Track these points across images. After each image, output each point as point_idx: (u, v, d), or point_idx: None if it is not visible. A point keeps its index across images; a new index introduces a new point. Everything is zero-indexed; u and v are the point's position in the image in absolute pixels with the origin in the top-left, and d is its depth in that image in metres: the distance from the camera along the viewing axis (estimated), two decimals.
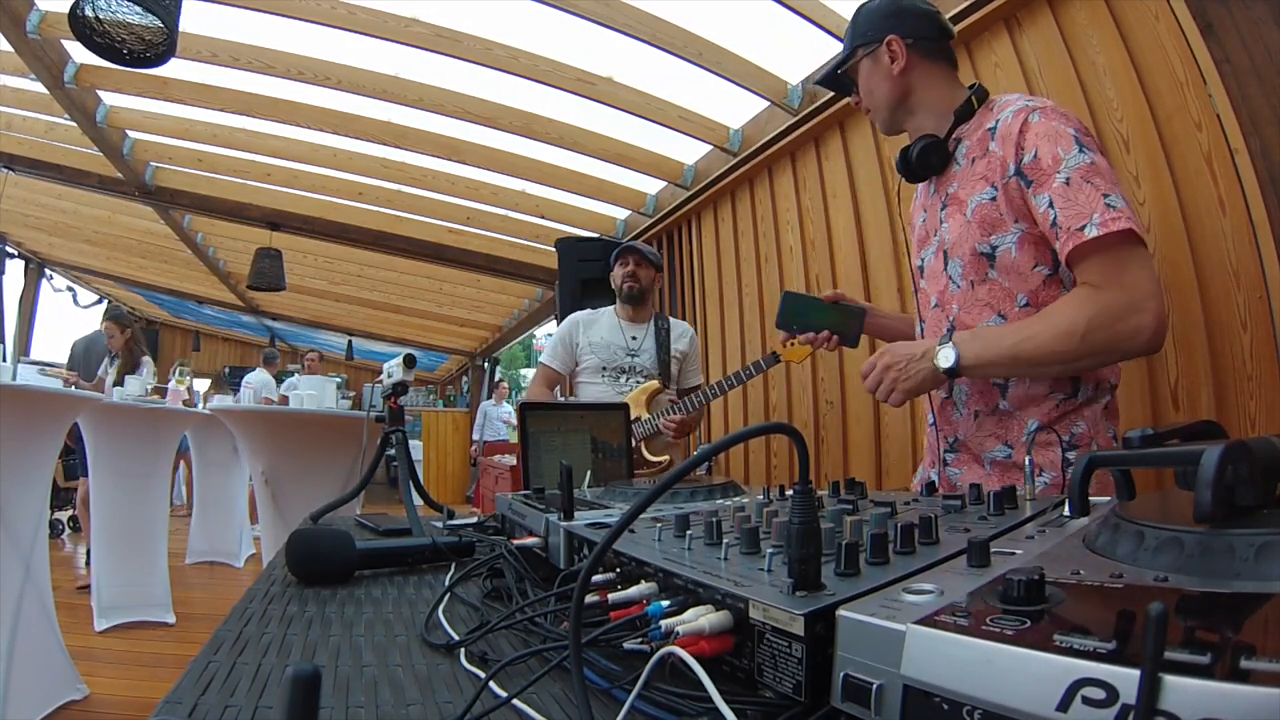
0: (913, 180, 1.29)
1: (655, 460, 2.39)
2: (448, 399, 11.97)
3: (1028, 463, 0.76)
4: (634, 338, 2.49)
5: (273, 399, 4.98)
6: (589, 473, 1.11)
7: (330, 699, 0.48)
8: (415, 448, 9.06)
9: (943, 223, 1.20)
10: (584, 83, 3.03)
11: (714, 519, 0.59)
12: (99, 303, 9.37)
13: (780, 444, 2.90)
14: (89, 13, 2.23)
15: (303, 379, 3.93)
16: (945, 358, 1.06)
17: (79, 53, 3.23)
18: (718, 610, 0.45)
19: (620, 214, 4.40)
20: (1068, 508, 0.60)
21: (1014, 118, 1.08)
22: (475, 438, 8.80)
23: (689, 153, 3.53)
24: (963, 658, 0.32)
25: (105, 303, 8.67)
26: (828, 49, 2.49)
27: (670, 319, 2.60)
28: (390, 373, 1.66)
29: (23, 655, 2.17)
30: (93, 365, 4.71)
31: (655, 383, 2.43)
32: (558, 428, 1.38)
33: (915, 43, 1.21)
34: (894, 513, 0.66)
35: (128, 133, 4.17)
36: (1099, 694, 0.27)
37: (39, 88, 3.45)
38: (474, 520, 1.17)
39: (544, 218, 4.55)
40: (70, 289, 9.20)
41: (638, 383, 2.43)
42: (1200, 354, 1.52)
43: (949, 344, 1.06)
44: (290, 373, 7.19)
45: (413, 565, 0.93)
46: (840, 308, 1.41)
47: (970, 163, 1.15)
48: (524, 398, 8.90)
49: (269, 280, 5.11)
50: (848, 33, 1.30)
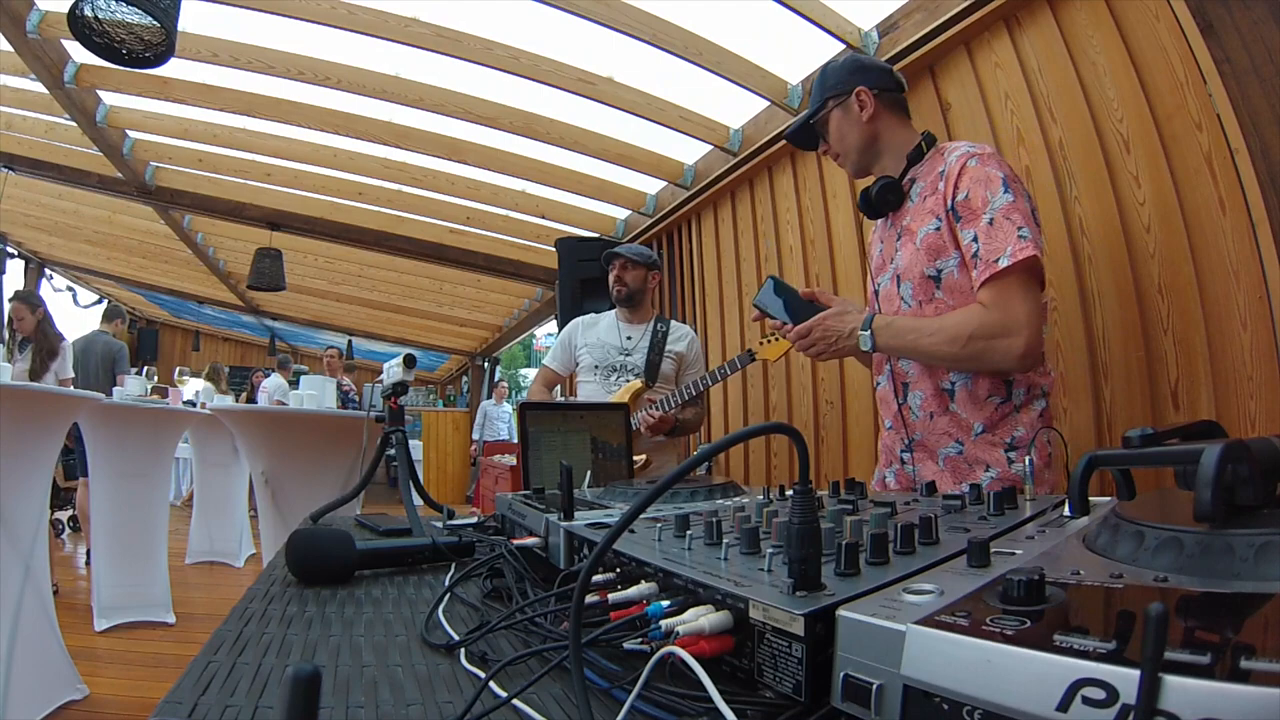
0: (873, 216, 1.46)
1: (633, 458, 2.41)
2: (448, 399, 11.97)
3: (1028, 463, 0.76)
4: (629, 338, 2.51)
5: (286, 404, 4.97)
6: (589, 473, 1.11)
7: (330, 699, 0.48)
8: (415, 448, 9.06)
9: (898, 251, 1.37)
10: (584, 83, 3.03)
11: (714, 519, 0.59)
12: (99, 303, 9.37)
13: (780, 444, 2.90)
14: (88, 13, 2.23)
15: (303, 379, 3.93)
16: (864, 341, 1.29)
17: (79, 53, 3.23)
18: (718, 610, 0.46)
19: (620, 214, 4.40)
20: (1068, 508, 0.60)
21: (957, 161, 1.27)
22: (475, 437, 8.81)
23: (689, 153, 3.53)
24: (963, 658, 0.32)
25: (105, 302, 8.66)
26: (828, 49, 2.49)
27: (672, 322, 2.61)
28: (390, 372, 1.66)
29: (23, 655, 2.17)
30: (91, 365, 4.71)
31: (639, 382, 2.44)
32: (558, 428, 1.38)
33: (880, 93, 1.39)
34: (894, 513, 0.66)
35: (128, 133, 4.17)
36: (1099, 694, 0.27)
37: (39, 88, 3.45)
38: (474, 520, 1.17)
39: (544, 218, 4.55)
40: (70, 289, 9.21)
41: (627, 381, 2.45)
42: (1200, 354, 1.52)
43: (868, 331, 1.28)
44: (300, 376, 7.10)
45: (413, 565, 0.93)
46: (814, 306, 1.44)
47: (922, 200, 1.33)
48: (524, 398, 8.95)
49: (269, 280, 5.11)
50: (815, 89, 1.46)
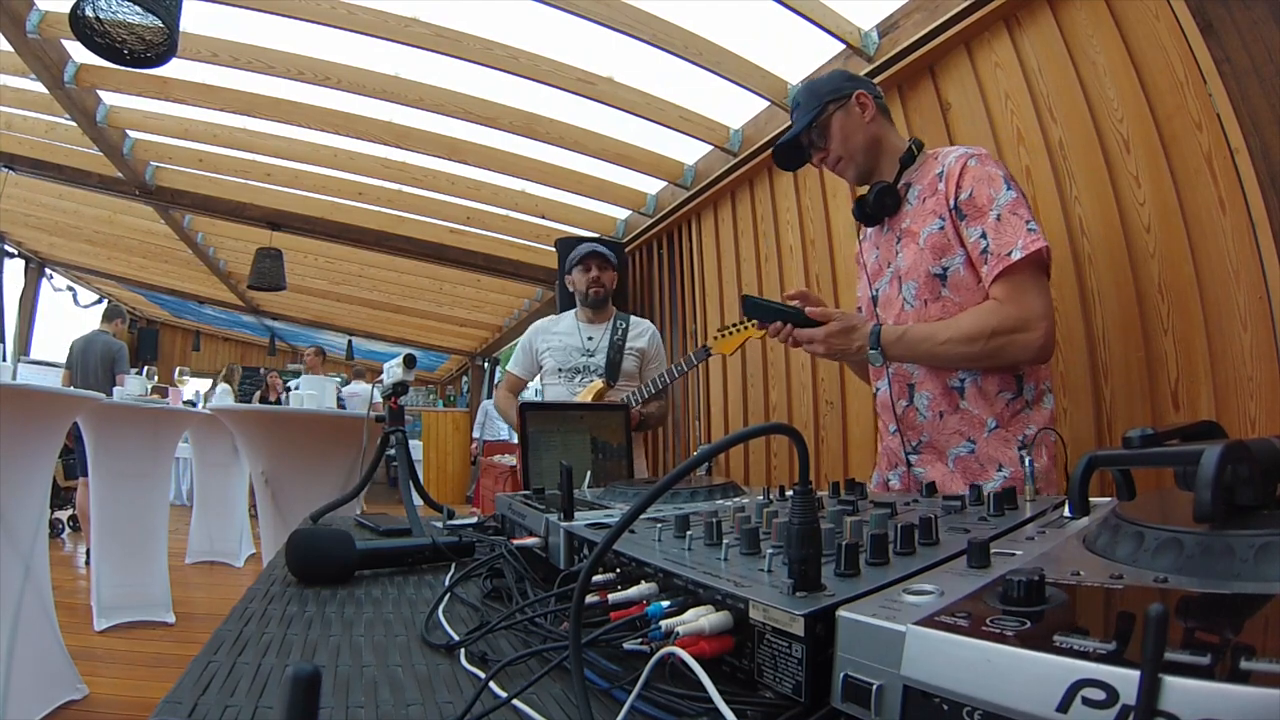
0: (869, 223, 1.47)
1: None
2: (448, 399, 11.97)
3: (1028, 463, 0.76)
4: (590, 338, 2.52)
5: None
6: (589, 473, 1.11)
7: (330, 699, 0.48)
8: (415, 448, 9.07)
9: (898, 254, 1.39)
10: (584, 83, 3.03)
11: (714, 519, 0.59)
12: (99, 303, 9.37)
13: (780, 444, 2.90)
14: (89, 13, 2.23)
15: (304, 379, 3.93)
16: (875, 360, 1.29)
17: (79, 53, 3.23)
18: (718, 611, 0.46)
19: (620, 214, 4.40)
20: (1068, 508, 0.60)
21: (956, 162, 1.29)
22: (476, 436, 8.81)
23: (689, 153, 3.53)
24: (963, 658, 0.32)
25: (105, 302, 8.67)
26: (828, 49, 2.50)
27: (631, 318, 2.61)
28: (390, 373, 1.66)
29: (23, 655, 2.17)
30: (91, 365, 4.71)
31: (600, 382, 2.44)
32: (558, 428, 1.38)
33: (873, 99, 1.43)
34: (894, 513, 0.66)
35: (128, 133, 4.17)
36: (1099, 695, 0.27)
37: (39, 88, 3.44)
38: (474, 520, 1.17)
39: (544, 218, 4.55)
40: (70, 289, 9.21)
41: (590, 381, 2.45)
42: (1200, 354, 1.52)
43: (878, 350, 1.27)
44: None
45: (413, 565, 0.93)
46: (797, 312, 1.37)
47: (921, 201, 1.35)
48: (492, 403, 8.89)
49: (269, 280, 5.11)
50: (804, 100, 1.46)
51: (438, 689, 0.51)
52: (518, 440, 1.43)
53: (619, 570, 0.58)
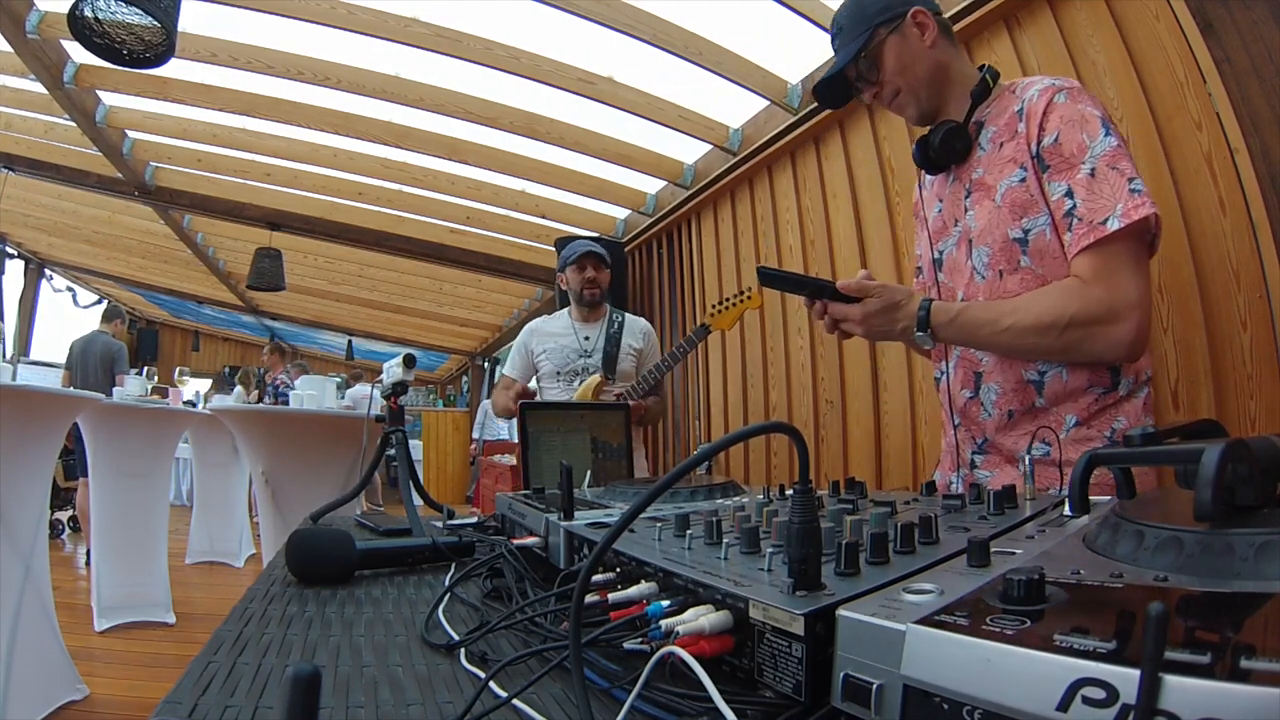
0: (934, 171, 1.22)
1: None
2: (448, 399, 11.97)
3: (1028, 462, 0.76)
4: (587, 338, 2.49)
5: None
6: (589, 473, 1.11)
7: (330, 699, 0.48)
8: (415, 448, 9.06)
9: (967, 210, 1.14)
10: (584, 83, 3.03)
11: (714, 519, 0.59)
12: (99, 303, 9.37)
13: (780, 444, 2.90)
14: (88, 13, 2.23)
15: (304, 379, 3.93)
16: (924, 342, 1.06)
17: (78, 53, 3.23)
18: (718, 610, 0.46)
19: (620, 214, 4.40)
20: (1068, 507, 0.60)
21: (1040, 96, 1.04)
22: (475, 436, 8.80)
23: (689, 152, 3.53)
24: (963, 657, 0.32)
25: (105, 303, 8.67)
26: (827, 49, 2.49)
27: (626, 315, 2.56)
28: (390, 372, 1.66)
29: (23, 655, 2.17)
30: (90, 365, 4.71)
31: (597, 376, 2.41)
32: (558, 428, 1.38)
33: (933, 17, 1.15)
34: (894, 512, 0.66)
35: (127, 133, 4.17)
36: (1099, 694, 0.27)
37: (39, 88, 3.44)
38: (474, 520, 1.17)
39: (544, 217, 4.55)
40: (70, 289, 9.21)
41: (588, 380, 2.43)
42: (1200, 354, 1.52)
43: (927, 332, 1.04)
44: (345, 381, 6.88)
45: (413, 565, 0.93)
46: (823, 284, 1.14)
47: (998, 147, 1.10)
48: (491, 406, 8.86)
49: (269, 280, 5.11)
50: (849, 23, 1.18)
51: (438, 689, 0.51)
52: (518, 440, 1.42)
53: (619, 570, 0.58)
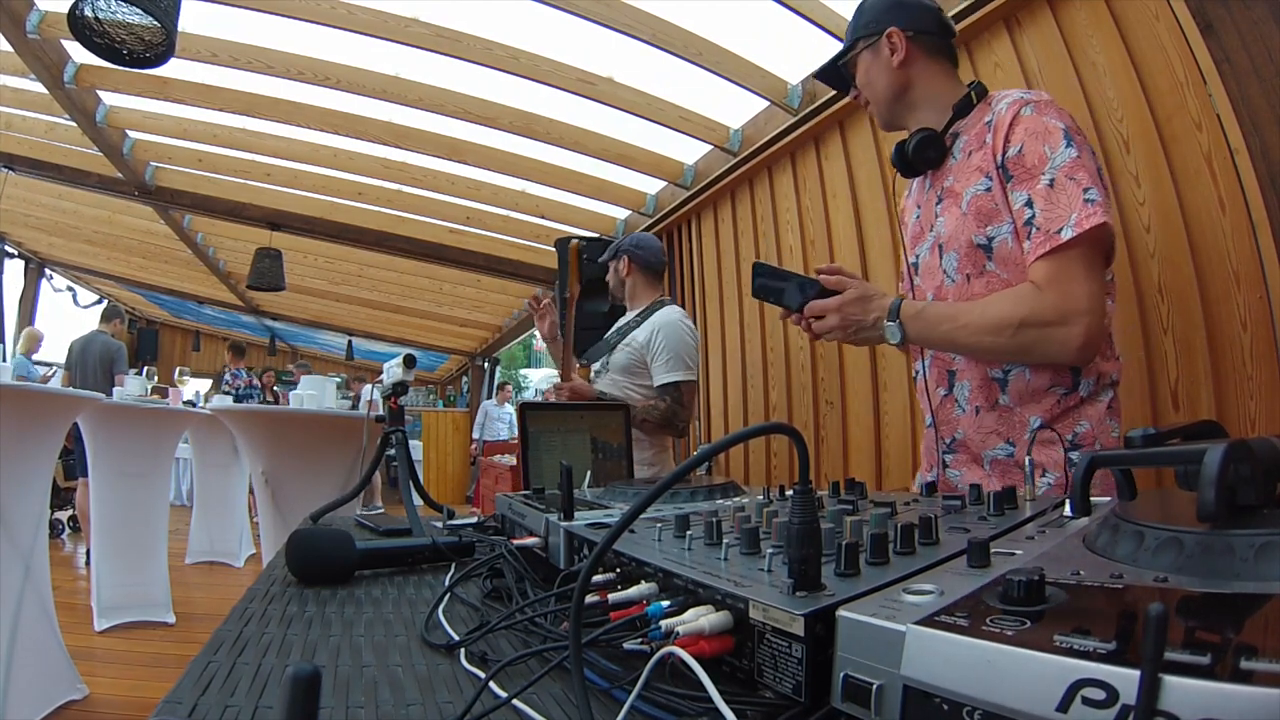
0: (908, 174, 1.28)
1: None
2: (448, 399, 11.97)
3: (1028, 463, 0.76)
4: (616, 328, 2.41)
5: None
6: (589, 473, 1.11)
7: (330, 699, 0.48)
8: (415, 448, 9.07)
9: (938, 217, 1.19)
10: (584, 83, 3.03)
11: (714, 519, 0.59)
12: (99, 303, 9.37)
13: (780, 444, 2.90)
14: (88, 13, 2.23)
15: (311, 379, 3.93)
16: (892, 333, 1.11)
17: (79, 53, 3.23)
18: (718, 610, 0.46)
19: (620, 214, 4.40)
20: (1068, 508, 0.60)
21: (1008, 109, 1.09)
22: (475, 437, 8.81)
23: (689, 153, 3.53)
24: (963, 658, 0.32)
25: (105, 303, 8.67)
26: (827, 49, 2.46)
27: (666, 306, 2.34)
28: (390, 372, 1.66)
29: (23, 655, 2.17)
30: (90, 365, 4.71)
31: (575, 363, 2.36)
32: (558, 428, 1.38)
33: (915, 35, 1.21)
34: (894, 513, 0.66)
35: (128, 133, 4.17)
36: (1099, 694, 0.27)
37: (39, 88, 3.45)
38: (474, 520, 1.17)
39: (544, 218, 4.55)
40: (70, 289, 9.21)
41: (603, 372, 2.33)
42: (1200, 354, 1.52)
43: (896, 323, 1.09)
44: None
45: (413, 565, 0.93)
46: (814, 283, 1.19)
47: (967, 156, 1.15)
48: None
49: (269, 280, 5.11)
50: (850, 26, 1.29)
51: (438, 689, 0.51)
52: (518, 439, 1.42)
53: (619, 570, 0.58)
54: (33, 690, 2.20)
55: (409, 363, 1.67)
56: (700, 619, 0.45)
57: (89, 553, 3.71)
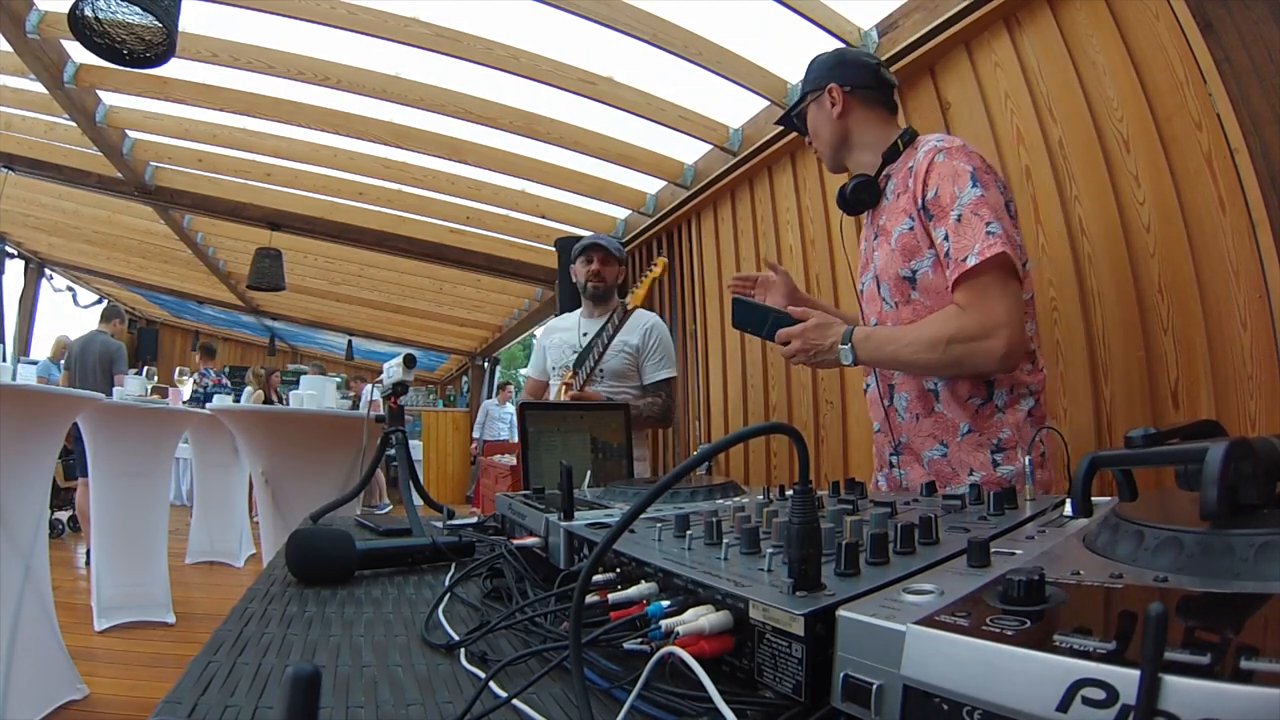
0: (850, 213, 1.44)
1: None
2: (448, 399, 11.97)
3: (1027, 463, 0.76)
4: (585, 334, 2.44)
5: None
6: (589, 473, 1.11)
7: (330, 699, 0.48)
8: (415, 448, 9.07)
9: (875, 251, 1.36)
10: (584, 83, 3.03)
11: (714, 519, 0.59)
12: (99, 303, 9.37)
13: (780, 444, 2.90)
14: (88, 13, 2.23)
15: (311, 379, 3.93)
16: (845, 356, 1.26)
17: (79, 53, 3.23)
18: (718, 610, 0.46)
19: (620, 214, 4.40)
20: (1069, 508, 0.60)
21: (925, 157, 1.24)
22: (476, 436, 8.81)
23: (689, 152, 3.53)
24: (963, 658, 0.32)
25: (105, 303, 8.67)
26: (827, 48, 2.48)
27: (637, 311, 2.42)
28: (390, 372, 1.66)
29: (23, 655, 2.17)
30: (89, 365, 4.71)
31: (567, 372, 2.36)
32: (558, 428, 1.38)
33: (853, 90, 1.39)
34: (894, 513, 0.66)
35: (127, 133, 4.17)
36: (1099, 694, 0.27)
37: (39, 88, 3.45)
38: (474, 520, 1.17)
39: (544, 217, 4.55)
40: (70, 289, 9.21)
41: (598, 380, 2.36)
42: (1200, 354, 1.52)
43: (849, 345, 1.25)
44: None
45: (413, 565, 0.93)
46: (786, 316, 1.37)
47: (896, 198, 1.31)
48: (493, 403, 8.92)
49: (269, 280, 5.11)
50: (802, 81, 1.48)
51: (438, 689, 0.51)
52: (518, 439, 1.42)
53: (619, 570, 0.58)
54: (33, 690, 2.20)
55: (409, 363, 1.67)
56: (700, 619, 0.45)
57: (89, 553, 3.71)
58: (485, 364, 9.92)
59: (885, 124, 1.40)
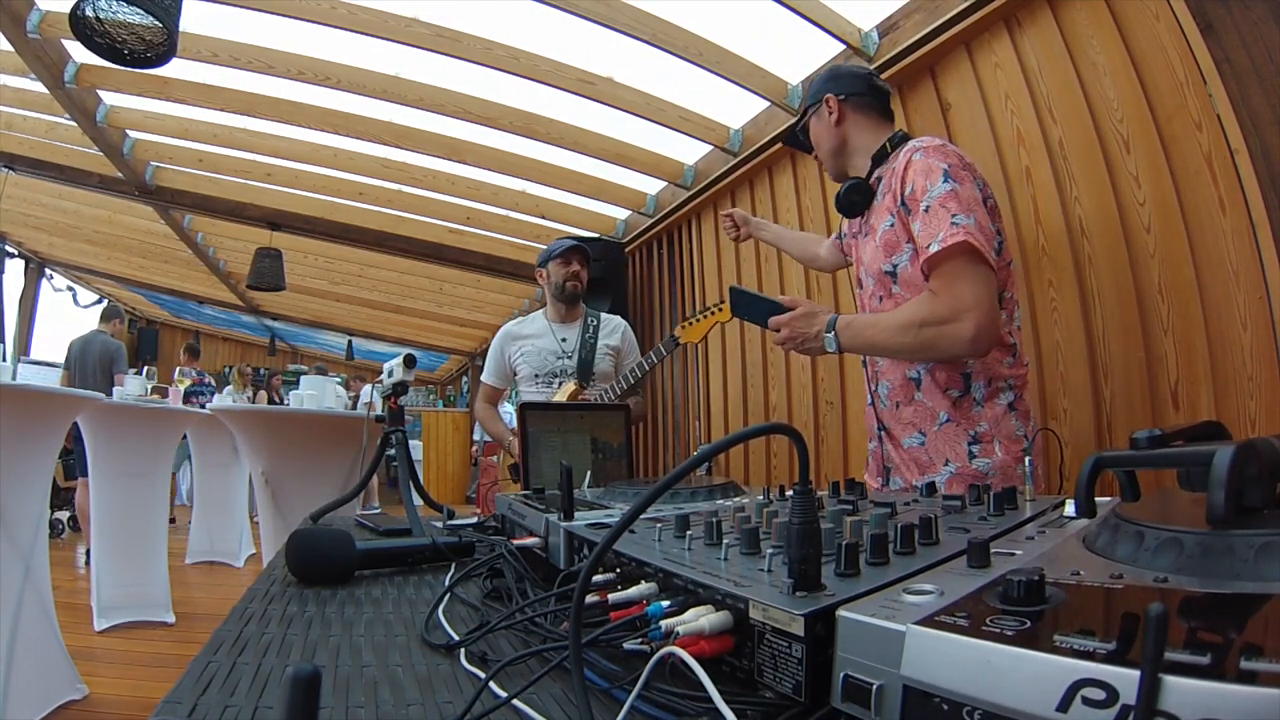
0: (847, 215, 1.50)
1: None
2: (448, 399, 11.96)
3: (1027, 463, 0.76)
4: (564, 339, 2.47)
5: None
6: (589, 473, 1.11)
7: (330, 699, 0.48)
8: (415, 448, 9.06)
9: (864, 247, 1.44)
10: (584, 83, 3.03)
11: (714, 519, 0.59)
12: (99, 303, 9.36)
13: (780, 444, 2.90)
14: (89, 13, 2.23)
15: (311, 379, 3.93)
16: (829, 343, 1.30)
17: (79, 53, 3.23)
18: (718, 610, 0.46)
19: (620, 214, 4.40)
20: (1071, 509, 0.60)
21: (904, 157, 1.30)
22: (476, 437, 8.80)
23: (689, 153, 3.53)
24: (963, 658, 0.32)
25: (105, 303, 8.67)
26: (828, 49, 2.49)
27: (601, 314, 2.56)
28: (391, 373, 1.66)
29: (23, 655, 2.17)
30: (89, 365, 4.71)
31: (573, 383, 2.40)
32: (558, 428, 1.38)
33: (847, 98, 1.46)
34: (894, 513, 0.66)
35: (128, 133, 4.16)
36: (1099, 694, 0.27)
37: (39, 88, 3.44)
38: (474, 520, 1.17)
39: (544, 218, 4.55)
40: (70, 289, 9.20)
41: (565, 384, 2.40)
42: (1200, 354, 1.52)
43: (832, 333, 1.30)
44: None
45: (413, 565, 0.93)
46: (779, 305, 1.41)
47: (882, 197, 1.37)
48: (475, 414, 8.94)
49: (269, 280, 5.10)
50: (802, 100, 1.58)
51: (438, 689, 0.51)
52: (517, 441, 1.42)
53: (619, 570, 0.58)
54: (33, 690, 2.20)
55: (409, 363, 1.67)
56: (700, 619, 0.45)
57: (89, 553, 3.71)
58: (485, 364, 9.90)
59: (878, 129, 1.46)
